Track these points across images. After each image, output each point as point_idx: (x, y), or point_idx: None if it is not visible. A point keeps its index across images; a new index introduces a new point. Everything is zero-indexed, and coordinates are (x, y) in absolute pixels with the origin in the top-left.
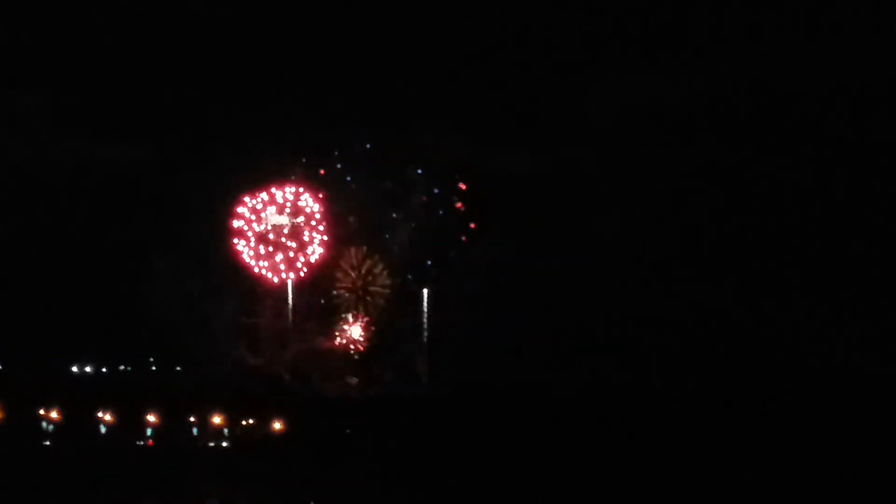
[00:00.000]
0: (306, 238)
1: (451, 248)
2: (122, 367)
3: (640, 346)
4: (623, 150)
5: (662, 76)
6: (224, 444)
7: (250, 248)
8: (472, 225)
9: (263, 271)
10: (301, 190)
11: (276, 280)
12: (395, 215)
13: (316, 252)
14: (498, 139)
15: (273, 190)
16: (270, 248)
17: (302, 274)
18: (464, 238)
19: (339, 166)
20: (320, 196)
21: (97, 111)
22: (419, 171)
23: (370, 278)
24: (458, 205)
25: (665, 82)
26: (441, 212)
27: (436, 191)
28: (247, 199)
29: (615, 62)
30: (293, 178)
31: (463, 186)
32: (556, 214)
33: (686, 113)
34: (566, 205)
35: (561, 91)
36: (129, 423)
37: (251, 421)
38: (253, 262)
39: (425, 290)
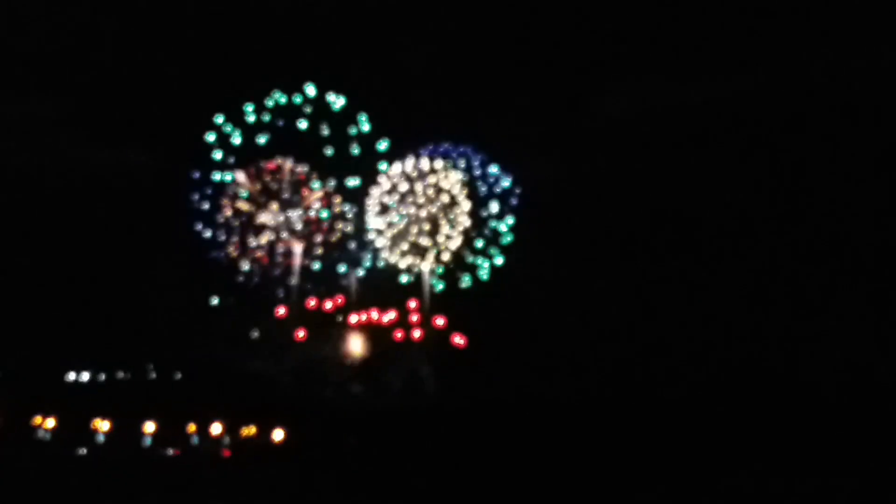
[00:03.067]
0: None
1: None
2: (119, 375)
3: (644, 353)
4: (634, 153)
5: (680, 79)
6: (223, 452)
7: None
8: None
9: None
10: None
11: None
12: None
13: None
14: (510, 143)
15: None
16: None
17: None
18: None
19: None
20: None
21: (100, 115)
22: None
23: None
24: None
25: (683, 85)
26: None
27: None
28: None
29: (631, 64)
30: None
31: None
32: (564, 219)
33: (701, 116)
34: (575, 209)
35: (575, 93)
36: (127, 431)
37: (252, 429)
38: None
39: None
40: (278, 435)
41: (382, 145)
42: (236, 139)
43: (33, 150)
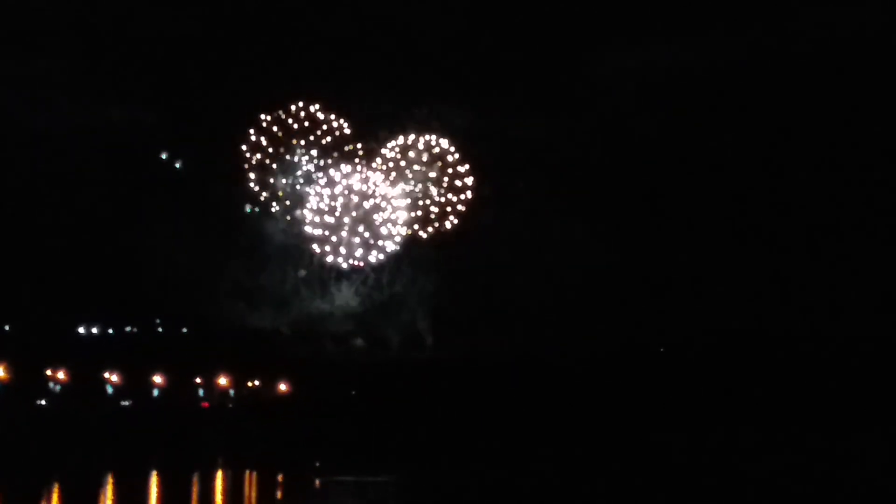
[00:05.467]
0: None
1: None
2: (128, 329)
3: (643, 309)
4: (632, 120)
5: (680, 45)
6: (230, 405)
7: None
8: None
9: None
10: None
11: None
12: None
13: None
14: (506, 108)
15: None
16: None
17: None
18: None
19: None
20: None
21: (105, 74)
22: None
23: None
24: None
25: (682, 51)
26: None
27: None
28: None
29: (630, 30)
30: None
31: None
32: (562, 182)
33: (703, 83)
34: (572, 173)
35: (572, 60)
36: (135, 384)
37: (256, 383)
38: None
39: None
40: (283, 387)
41: None
42: None
43: (57, 110)
